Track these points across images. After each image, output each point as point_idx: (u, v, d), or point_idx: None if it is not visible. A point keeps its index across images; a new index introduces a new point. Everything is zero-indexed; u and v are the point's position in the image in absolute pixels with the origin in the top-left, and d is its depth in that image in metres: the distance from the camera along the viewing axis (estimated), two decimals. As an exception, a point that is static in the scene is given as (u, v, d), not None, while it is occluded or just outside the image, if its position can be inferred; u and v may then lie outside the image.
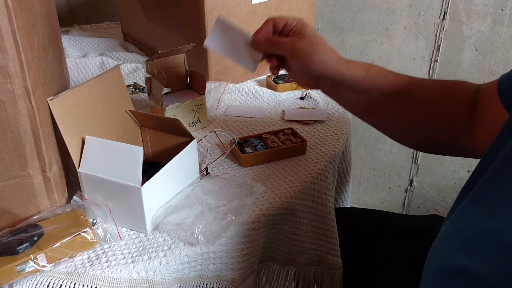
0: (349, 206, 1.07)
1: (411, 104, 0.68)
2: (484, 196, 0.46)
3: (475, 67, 1.39)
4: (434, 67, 1.46)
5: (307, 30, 0.70)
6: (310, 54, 0.68)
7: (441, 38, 1.41)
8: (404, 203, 1.72)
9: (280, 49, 0.71)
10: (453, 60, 1.42)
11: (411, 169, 1.64)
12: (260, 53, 0.74)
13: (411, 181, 1.66)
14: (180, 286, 0.66)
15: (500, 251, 0.40)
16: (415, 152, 1.60)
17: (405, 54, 1.49)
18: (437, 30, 1.40)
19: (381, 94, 0.69)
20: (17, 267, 0.55)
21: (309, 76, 0.72)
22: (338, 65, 0.69)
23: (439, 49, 1.43)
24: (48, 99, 0.60)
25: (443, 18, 1.38)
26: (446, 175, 1.58)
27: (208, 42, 0.73)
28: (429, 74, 1.47)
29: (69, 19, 1.61)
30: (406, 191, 1.69)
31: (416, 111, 0.68)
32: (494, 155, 0.47)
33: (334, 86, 0.71)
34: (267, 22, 0.73)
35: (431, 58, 1.45)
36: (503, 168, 0.45)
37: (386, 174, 1.70)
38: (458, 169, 1.54)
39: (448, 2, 1.35)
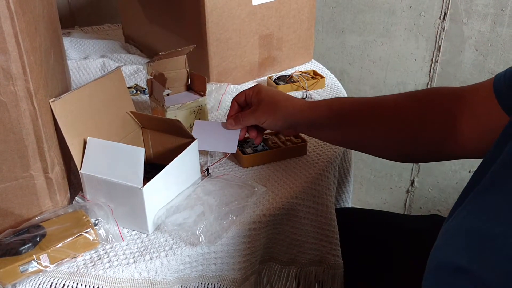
0: (350, 206, 1.07)
1: (380, 124, 0.70)
2: (485, 198, 0.46)
3: (475, 67, 1.39)
4: (435, 68, 1.46)
5: (262, 95, 0.77)
6: (271, 115, 0.76)
7: (442, 38, 1.41)
8: (405, 204, 1.72)
9: (247, 122, 0.78)
10: (453, 60, 1.42)
11: (412, 170, 1.64)
12: (236, 133, 0.80)
13: (412, 182, 1.66)
14: (181, 286, 0.66)
15: (501, 254, 0.40)
16: (416, 153, 1.60)
17: (405, 55, 1.49)
18: (437, 31, 1.41)
19: (350, 123, 0.73)
20: (20, 267, 0.56)
21: (284, 129, 0.78)
22: (301, 111, 0.75)
23: (439, 49, 1.43)
24: (50, 101, 0.61)
25: (444, 18, 1.38)
26: (447, 176, 1.58)
27: (200, 145, 0.79)
28: (429, 74, 1.48)
29: (71, 21, 1.61)
30: (407, 191, 1.69)
31: (387, 130, 0.70)
32: (495, 157, 0.47)
33: (309, 129, 0.78)
34: (232, 104, 0.82)
35: (432, 59, 1.45)
36: (504, 170, 0.45)
37: (388, 175, 1.70)
38: (459, 169, 1.54)
39: (448, 3, 1.36)
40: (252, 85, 1.09)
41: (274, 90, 0.80)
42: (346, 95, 1.08)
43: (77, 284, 0.58)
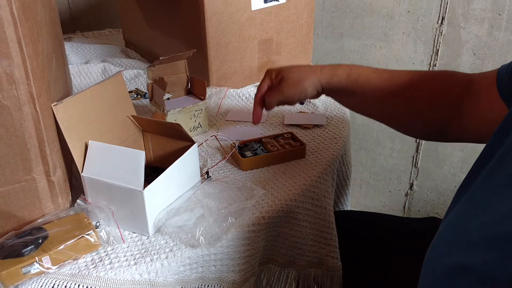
0: (349, 209, 1.08)
1: (396, 98, 0.74)
2: (478, 193, 0.47)
3: (473, 71, 1.39)
4: (433, 72, 1.47)
5: (283, 72, 0.80)
6: (298, 87, 0.78)
7: (440, 42, 1.42)
8: (404, 207, 1.73)
9: (276, 102, 0.80)
10: (451, 64, 1.43)
11: (411, 173, 1.65)
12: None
13: (411, 185, 1.67)
14: (182, 287, 0.67)
15: (491, 241, 0.41)
16: (415, 156, 1.61)
17: (404, 59, 1.50)
18: (435, 35, 1.42)
19: (366, 93, 0.76)
20: (23, 269, 0.57)
21: (310, 96, 0.81)
22: (323, 77, 0.78)
23: (437, 53, 1.44)
24: (52, 105, 0.62)
25: (441, 23, 1.40)
26: (446, 179, 1.59)
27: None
28: (428, 78, 1.48)
29: (71, 26, 1.63)
30: (406, 195, 1.70)
31: (402, 105, 0.74)
32: (492, 153, 0.48)
33: (327, 94, 0.81)
34: (255, 107, 0.83)
35: (430, 63, 1.46)
36: (498, 166, 0.46)
37: (387, 178, 1.71)
38: (458, 172, 1.55)
39: (446, 7, 1.37)
40: (252, 89, 1.10)
41: (292, 67, 0.81)
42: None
43: (78, 285, 0.59)
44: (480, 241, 0.42)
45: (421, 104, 0.72)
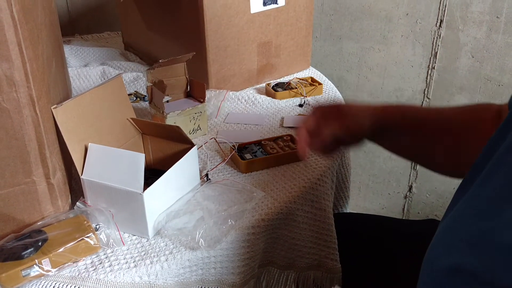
0: (348, 211, 1.08)
1: (443, 133, 0.70)
2: (477, 195, 0.47)
3: (471, 73, 1.40)
4: (432, 74, 1.47)
5: (343, 107, 0.74)
6: (360, 124, 0.71)
7: (438, 45, 1.43)
8: (403, 209, 1.73)
9: (334, 135, 0.71)
10: (450, 67, 1.43)
11: (410, 175, 1.65)
12: None
13: (410, 187, 1.67)
14: (181, 290, 0.67)
15: (492, 247, 0.41)
16: (413, 158, 1.61)
17: (402, 62, 1.50)
18: (434, 38, 1.42)
19: (420, 130, 0.71)
20: (22, 272, 0.57)
21: (363, 133, 0.74)
22: (377, 115, 0.72)
23: (436, 56, 1.44)
24: (52, 108, 0.62)
25: (440, 25, 1.40)
26: (444, 181, 1.59)
27: None
28: (426, 81, 1.49)
29: (71, 29, 1.63)
30: (405, 197, 1.70)
31: (448, 139, 0.70)
32: (489, 156, 0.48)
33: (378, 136, 0.74)
34: (300, 132, 0.72)
35: (428, 65, 1.47)
36: (497, 167, 0.46)
37: (386, 181, 1.71)
38: (457, 174, 1.55)
39: (445, 10, 1.37)
40: (251, 91, 1.10)
41: (350, 104, 0.76)
42: (343, 102, 1.09)
43: (78, 288, 0.59)
44: (479, 245, 0.42)
45: (461, 135, 0.69)
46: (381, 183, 1.72)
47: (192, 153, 0.72)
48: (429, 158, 0.75)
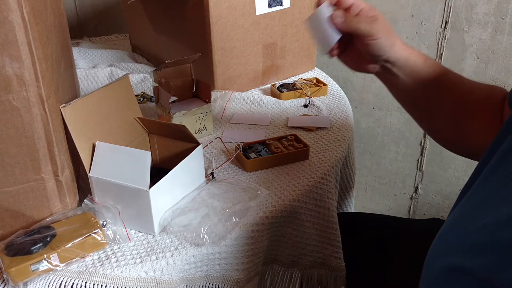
0: (353, 211, 1.09)
1: (458, 98, 0.71)
2: (478, 194, 0.48)
3: (477, 75, 1.41)
4: (437, 75, 1.48)
5: (379, 14, 0.70)
6: (388, 37, 0.69)
7: (443, 46, 1.43)
8: (409, 210, 1.73)
9: (360, 29, 0.68)
10: (455, 68, 1.43)
11: (416, 177, 1.65)
12: (338, 34, 0.72)
13: (416, 188, 1.67)
14: (186, 286, 0.68)
15: (490, 246, 0.42)
16: (419, 159, 1.61)
17: (408, 63, 1.51)
18: (439, 39, 1.43)
19: (434, 84, 0.72)
20: (31, 266, 0.58)
21: (374, 58, 0.72)
22: (403, 49, 0.71)
23: (441, 57, 1.45)
24: (60, 107, 0.63)
25: (445, 27, 1.40)
26: (450, 182, 1.59)
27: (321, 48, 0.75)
28: (432, 82, 1.49)
29: (79, 31, 1.65)
30: (411, 198, 1.70)
31: (461, 104, 0.71)
32: (492, 155, 0.49)
33: (394, 72, 0.72)
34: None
35: (434, 67, 1.47)
36: (497, 166, 0.47)
37: (391, 182, 1.71)
38: (463, 176, 1.55)
39: (450, 12, 1.38)
40: (257, 92, 1.12)
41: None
42: (348, 103, 1.10)
43: (85, 282, 0.60)
44: (480, 245, 0.43)
45: (471, 107, 0.70)
46: (387, 184, 1.73)
47: (198, 152, 0.73)
48: (431, 116, 0.75)
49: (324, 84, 1.12)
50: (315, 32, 0.75)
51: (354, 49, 0.74)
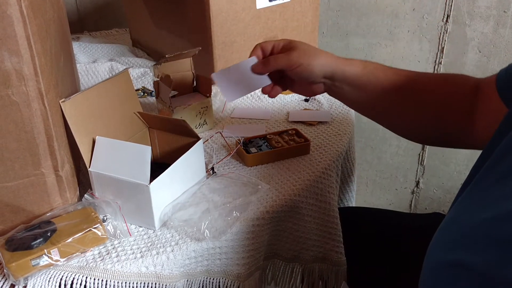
0: (354, 205, 1.08)
1: (413, 98, 0.71)
2: (477, 189, 0.47)
3: (479, 68, 1.40)
4: (438, 70, 1.47)
5: (295, 42, 0.74)
6: (308, 59, 0.72)
7: (445, 40, 1.42)
8: (411, 205, 1.73)
9: (281, 63, 0.73)
10: (457, 62, 1.43)
11: (417, 171, 1.65)
12: (266, 78, 0.77)
13: (417, 183, 1.67)
14: (187, 280, 0.68)
15: (491, 241, 0.41)
16: (421, 154, 1.61)
17: (409, 57, 1.50)
18: (440, 33, 1.42)
19: (381, 89, 0.72)
20: (32, 261, 0.58)
21: (312, 81, 0.75)
22: (336, 63, 0.73)
23: (443, 51, 1.44)
24: (60, 101, 0.63)
25: (446, 20, 1.40)
26: (452, 176, 1.59)
27: (227, 97, 0.77)
28: (433, 76, 1.49)
29: (79, 26, 1.65)
30: (412, 192, 1.70)
31: (418, 105, 0.71)
32: (492, 150, 0.49)
33: (337, 85, 0.75)
34: (255, 49, 0.77)
35: (435, 61, 1.47)
36: (497, 162, 0.47)
37: (393, 176, 1.71)
38: (464, 170, 1.55)
39: (451, 5, 1.37)
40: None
41: (307, 44, 0.76)
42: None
43: (86, 277, 0.60)
44: (480, 240, 0.42)
45: (435, 105, 0.70)
46: (388, 178, 1.72)
47: (198, 147, 0.73)
48: (388, 118, 0.76)
49: (325, 78, 1.11)
50: (228, 82, 0.77)
51: (294, 81, 0.78)
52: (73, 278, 0.60)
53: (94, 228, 0.63)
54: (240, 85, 0.76)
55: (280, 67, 0.74)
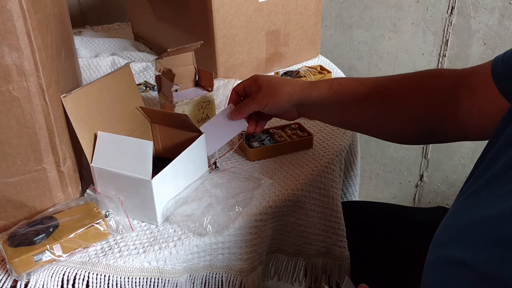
0: (357, 199, 1.08)
1: (385, 103, 0.71)
2: (479, 186, 0.47)
3: (483, 61, 1.37)
4: (443, 62, 1.46)
5: (260, 82, 0.79)
6: (273, 95, 0.77)
7: (449, 32, 1.41)
8: (414, 198, 1.73)
9: (250, 109, 0.79)
10: (461, 54, 1.42)
11: (421, 164, 1.64)
12: (242, 123, 0.82)
13: (421, 176, 1.67)
14: (190, 275, 0.68)
15: (492, 240, 0.41)
16: (424, 147, 1.60)
17: (413, 50, 1.49)
18: (445, 25, 1.41)
19: (351, 103, 0.73)
20: (34, 257, 0.58)
21: (287, 111, 0.79)
22: (301, 90, 0.76)
23: (447, 43, 1.43)
24: (61, 96, 0.63)
25: (451, 12, 1.38)
26: (456, 170, 1.58)
27: (208, 151, 0.79)
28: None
29: (81, 20, 1.64)
30: (416, 186, 1.70)
31: (392, 109, 0.70)
32: (493, 146, 0.48)
33: (308, 110, 0.78)
34: (232, 94, 0.84)
35: (440, 53, 1.45)
36: (497, 157, 0.46)
37: (396, 170, 1.71)
38: (468, 163, 1.54)
39: (456, -3, 1.36)
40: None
41: (272, 76, 0.81)
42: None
43: (89, 273, 0.60)
44: (481, 238, 0.42)
45: (407, 105, 0.69)
46: (392, 172, 1.72)
47: (200, 141, 0.72)
48: (365, 129, 0.78)
49: (328, 72, 1.11)
50: (210, 134, 0.79)
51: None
52: (76, 274, 0.60)
53: (97, 223, 0.63)
54: (221, 134, 0.81)
55: (252, 111, 0.80)
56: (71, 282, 0.60)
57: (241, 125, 0.82)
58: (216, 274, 0.70)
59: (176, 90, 0.91)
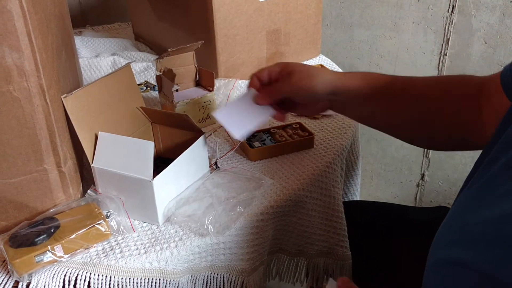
0: (358, 199, 1.08)
1: (412, 104, 0.69)
2: (479, 186, 0.47)
3: (484, 60, 1.39)
4: (444, 61, 1.46)
5: (291, 65, 0.73)
6: (309, 81, 0.70)
7: (450, 31, 1.41)
8: (416, 198, 1.72)
9: (284, 91, 0.73)
10: (462, 53, 1.42)
11: (422, 163, 1.64)
12: (269, 108, 0.75)
13: (422, 176, 1.66)
14: (191, 276, 0.68)
15: (492, 240, 0.41)
16: (425, 146, 1.60)
17: (414, 49, 1.49)
18: (445, 24, 1.40)
19: (383, 98, 0.70)
20: (36, 258, 0.58)
21: (317, 101, 0.75)
22: (339, 78, 0.71)
23: (448, 42, 1.43)
24: (62, 97, 0.63)
25: (452, 11, 1.38)
26: (457, 169, 1.58)
27: (238, 134, 0.73)
28: (438, 67, 1.47)
29: (82, 20, 1.64)
30: (418, 185, 1.69)
31: (418, 111, 0.69)
32: (493, 146, 0.48)
33: (341, 100, 0.73)
34: (252, 80, 0.75)
35: (440, 52, 1.45)
36: (498, 157, 0.46)
37: (398, 169, 1.70)
38: (470, 162, 1.54)
39: (457, -4, 1.36)
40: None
41: (302, 63, 0.74)
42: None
43: (90, 273, 0.60)
44: (481, 238, 0.42)
45: (441, 110, 0.67)
46: (393, 171, 1.72)
47: (201, 141, 0.72)
48: (395, 129, 0.74)
49: (329, 71, 1.10)
50: (233, 119, 0.74)
51: (296, 103, 0.76)
52: (77, 274, 0.60)
53: (98, 224, 0.63)
54: (245, 119, 0.74)
55: (285, 95, 0.73)
56: (72, 283, 0.60)
57: (266, 111, 0.75)
58: (217, 274, 0.70)
59: (176, 90, 0.91)
